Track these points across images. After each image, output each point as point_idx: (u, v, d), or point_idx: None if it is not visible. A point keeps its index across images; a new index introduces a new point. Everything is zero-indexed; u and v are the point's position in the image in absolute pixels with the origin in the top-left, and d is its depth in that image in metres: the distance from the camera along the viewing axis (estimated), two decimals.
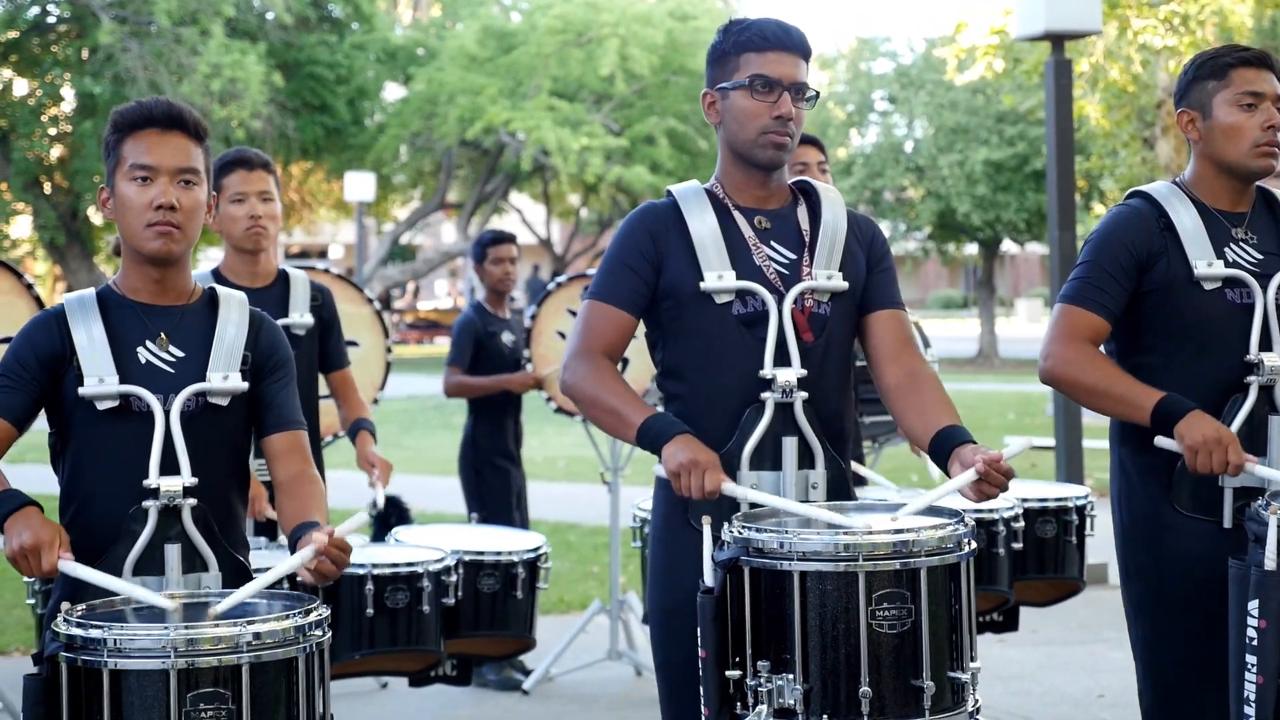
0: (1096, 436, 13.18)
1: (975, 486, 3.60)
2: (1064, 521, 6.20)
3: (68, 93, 30.82)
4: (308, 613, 3.35)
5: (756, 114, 3.86)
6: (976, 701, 3.60)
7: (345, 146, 34.47)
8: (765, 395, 3.81)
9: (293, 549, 3.56)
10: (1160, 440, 4.06)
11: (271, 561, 3.89)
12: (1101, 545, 6.03)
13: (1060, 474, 10.30)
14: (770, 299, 3.84)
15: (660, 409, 3.88)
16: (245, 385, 3.73)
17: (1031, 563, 6.17)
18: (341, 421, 6.26)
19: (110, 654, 3.21)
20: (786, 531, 3.51)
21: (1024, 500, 6.18)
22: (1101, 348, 4.22)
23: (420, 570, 5.78)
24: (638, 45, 32.32)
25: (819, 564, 3.45)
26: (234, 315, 3.78)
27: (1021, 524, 6.09)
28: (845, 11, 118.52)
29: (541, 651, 7.82)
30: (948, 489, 3.64)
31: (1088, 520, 6.26)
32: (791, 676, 3.47)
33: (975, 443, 3.71)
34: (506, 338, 8.49)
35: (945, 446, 3.74)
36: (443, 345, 41.20)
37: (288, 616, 3.31)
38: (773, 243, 3.92)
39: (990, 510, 5.96)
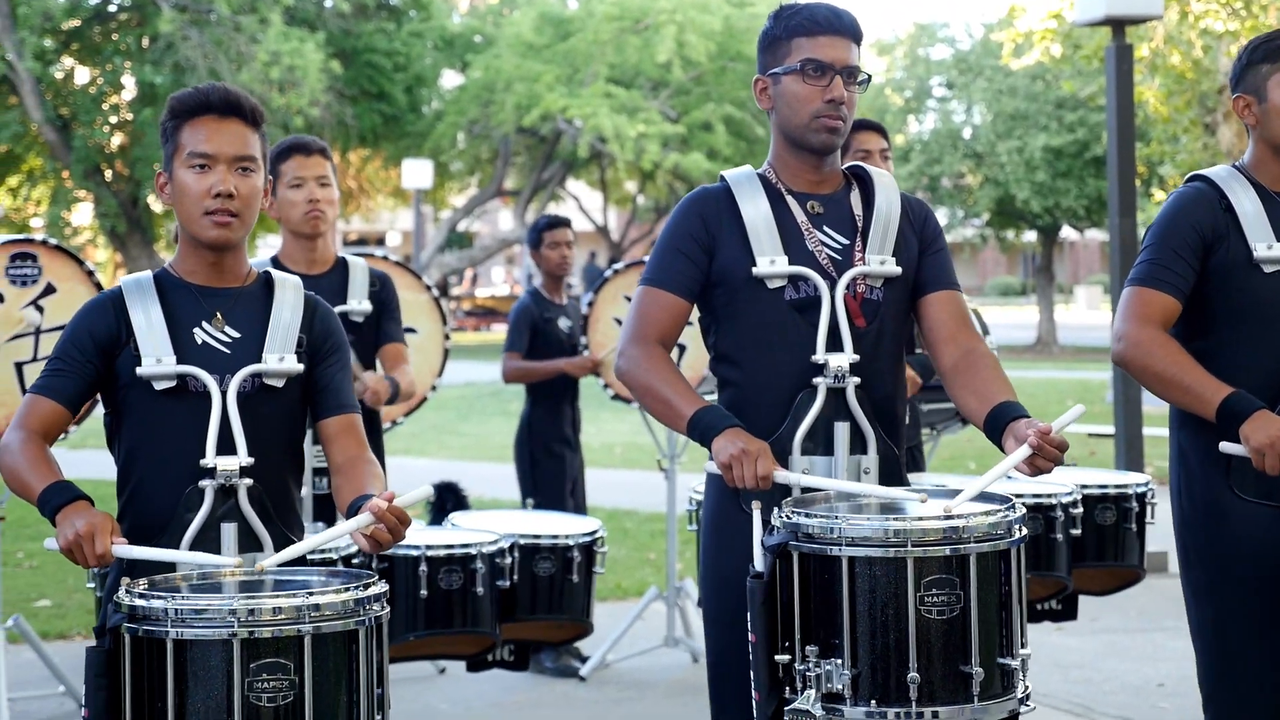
0: (1157, 424, 13.15)
1: (1029, 461, 3.58)
2: (1124, 508, 6.17)
3: (128, 81, 31.02)
4: (366, 586, 3.37)
5: (808, 98, 3.86)
6: (1027, 688, 3.60)
7: (403, 134, 34.54)
8: (818, 380, 3.82)
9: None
10: (1225, 446, 4.03)
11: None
12: (1162, 534, 6.00)
13: (1120, 462, 10.22)
14: (823, 284, 3.84)
15: (715, 398, 3.89)
16: (301, 367, 3.75)
17: (1090, 550, 6.14)
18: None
19: (173, 624, 3.24)
20: (836, 517, 3.51)
21: (1083, 486, 6.15)
22: None
23: (474, 552, 5.81)
24: (695, 32, 32.25)
25: (868, 549, 3.46)
26: (289, 298, 3.81)
27: (1080, 510, 6.06)
28: None
29: (598, 638, 7.85)
30: (1002, 468, 3.63)
31: (1148, 507, 6.22)
32: (840, 661, 3.47)
33: (1029, 417, 3.69)
34: (563, 323, 8.50)
35: (999, 423, 3.73)
36: (500, 332, 41.28)
37: (347, 589, 3.34)
38: (825, 228, 3.92)
39: (1049, 496, 5.95)
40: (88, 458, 6.39)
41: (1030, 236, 38.40)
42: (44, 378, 3.70)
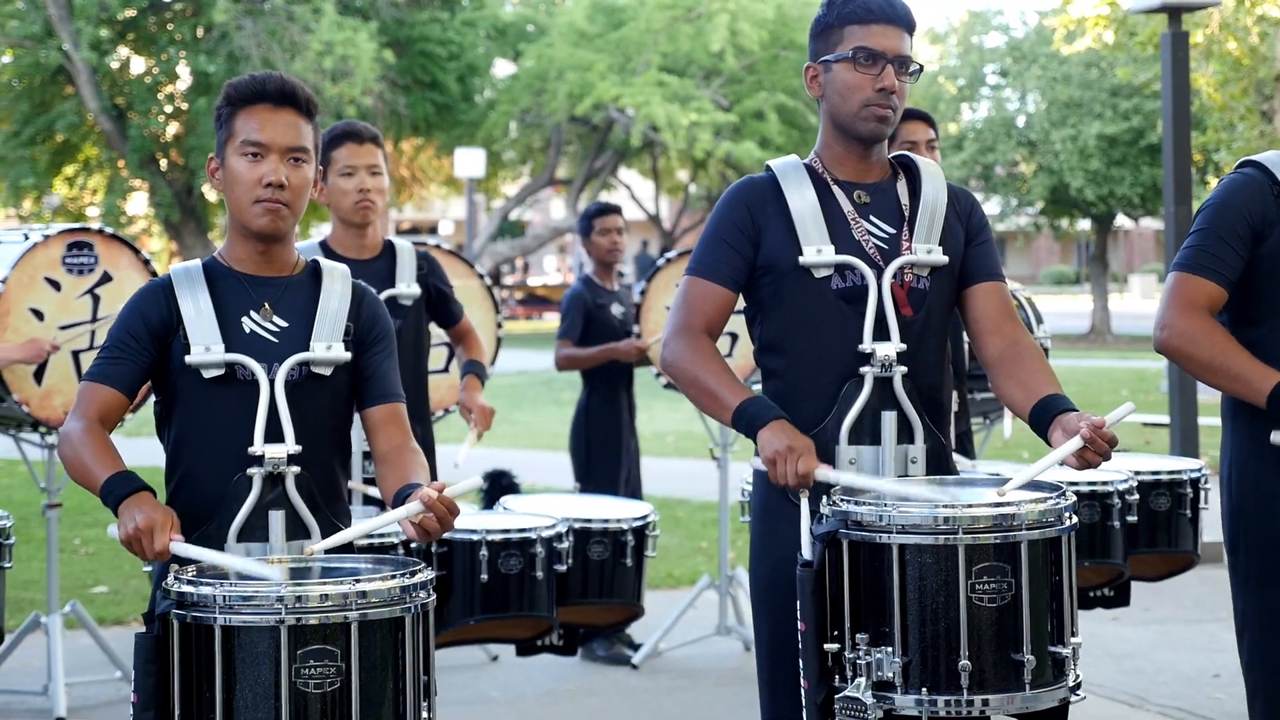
0: (1212, 414, 13.05)
1: (1079, 454, 3.56)
2: (1178, 494, 6.15)
3: (183, 71, 31.16)
4: (413, 574, 3.39)
5: (859, 86, 3.84)
6: (1078, 677, 3.59)
7: (455, 123, 34.59)
8: (864, 370, 3.80)
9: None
10: (1277, 436, 4.01)
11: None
12: (1217, 523, 5.97)
13: (1175, 451, 10.13)
14: (869, 273, 3.83)
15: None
16: (348, 355, 3.76)
17: (1144, 536, 6.11)
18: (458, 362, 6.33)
19: (221, 610, 3.26)
20: (885, 504, 3.51)
21: (1137, 473, 6.13)
22: None
23: (534, 536, 5.81)
24: (747, 20, 32.21)
25: (918, 537, 3.45)
26: (337, 287, 3.81)
27: (1135, 497, 6.04)
28: None
29: (650, 626, 7.87)
30: (1053, 458, 3.60)
31: (1202, 493, 6.19)
32: (890, 649, 3.47)
33: (1077, 410, 3.67)
34: (615, 310, 8.50)
35: (1046, 415, 3.71)
36: (552, 321, 41.35)
37: (393, 576, 3.35)
38: (872, 217, 3.91)
39: (1104, 483, 5.92)
40: (143, 446, 6.41)
41: (1084, 225, 38.23)
42: (98, 365, 3.72)
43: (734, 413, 3.75)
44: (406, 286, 5.92)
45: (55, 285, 7.03)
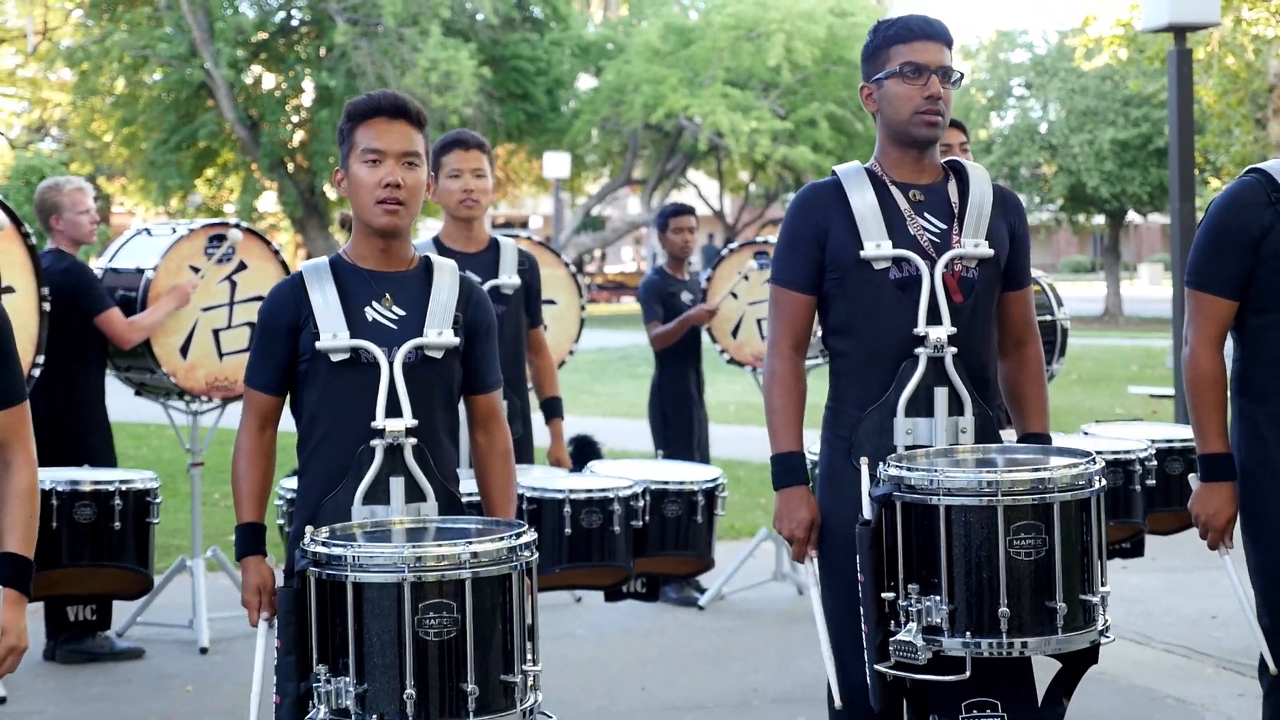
0: None
1: None
2: (1189, 460, 6.08)
3: (307, 85, 31.36)
4: (518, 535, 3.39)
5: (909, 96, 3.81)
6: (1106, 621, 3.56)
7: (544, 130, 34.65)
8: (919, 350, 3.76)
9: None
10: (1193, 480, 4.21)
11: (474, 488, 3.96)
12: None
13: (1178, 419, 10.10)
14: (923, 265, 3.79)
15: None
16: (458, 340, 3.75)
17: (1159, 496, 6.09)
18: (532, 375, 6.30)
19: (353, 569, 3.27)
20: (935, 470, 3.50)
21: (1154, 441, 6.10)
22: None
23: (611, 495, 5.80)
24: (801, 39, 32.10)
25: (963, 499, 3.44)
26: (447, 280, 3.80)
27: (1154, 463, 6.01)
28: (986, 7, 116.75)
29: (715, 572, 7.84)
30: None
31: None
32: (939, 598, 3.46)
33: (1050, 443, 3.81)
34: (685, 296, 8.47)
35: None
36: (628, 304, 41.39)
37: (501, 539, 3.36)
38: (925, 214, 3.86)
39: (1127, 451, 5.90)
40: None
41: (1099, 219, 37.88)
42: (251, 368, 3.78)
43: (771, 458, 3.89)
44: (508, 278, 5.89)
45: (198, 272, 7.06)
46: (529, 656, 3.37)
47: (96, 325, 6.79)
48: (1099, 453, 3.69)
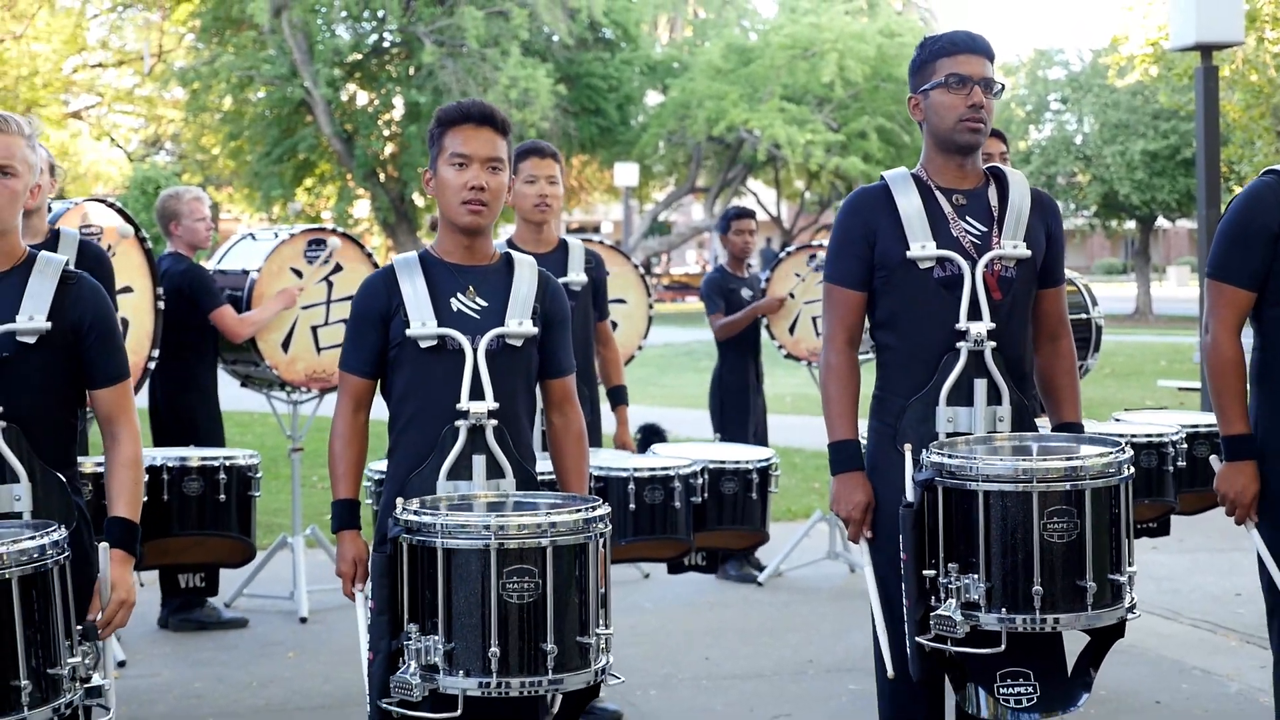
0: None
1: None
2: (1216, 444, 6.01)
3: (398, 102, 31.50)
4: (593, 509, 3.40)
5: (953, 106, 3.79)
6: (1133, 600, 3.53)
7: (615, 142, 34.66)
8: (960, 344, 3.75)
9: None
10: (1215, 462, 4.14)
11: (548, 466, 3.97)
12: None
13: (1204, 410, 9.97)
14: (965, 264, 3.77)
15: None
16: (536, 330, 3.75)
17: (1187, 478, 6.03)
18: (599, 365, 6.29)
19: (442, 536, 3.29)
20: (974, 457, 3.48)
21: (1184, 426, 6.06)
22: None
23: (671, 473, 5.80)
24: (853, 58, 31.95)
25: (1000, 485, 3.43)
26: (526, 274, 3.79)
27: (1185, 446, 5.96)
28: (1025, 27, 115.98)
29: (773, 551, 7.84)
30: None
31: None
32: (976, 576, 3.45)
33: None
34: (745, 293, 8.43)
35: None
36: (691, 304, 41.33)
37: (578, 510, 3.37)
38: (967, 217, 3.84)
39: (1160, 435, 5.86)
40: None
41: (1130, 225, 37.50)
42: (346, 352, 3.77)
43: (829, 445, 3.86)
44: (576, 275, 5.90)
45: (298, 274, 7.12)
46: (602, 621, 3.38)
47: (211, 321, 6.91)
48: (1135, 435, 3.66)
